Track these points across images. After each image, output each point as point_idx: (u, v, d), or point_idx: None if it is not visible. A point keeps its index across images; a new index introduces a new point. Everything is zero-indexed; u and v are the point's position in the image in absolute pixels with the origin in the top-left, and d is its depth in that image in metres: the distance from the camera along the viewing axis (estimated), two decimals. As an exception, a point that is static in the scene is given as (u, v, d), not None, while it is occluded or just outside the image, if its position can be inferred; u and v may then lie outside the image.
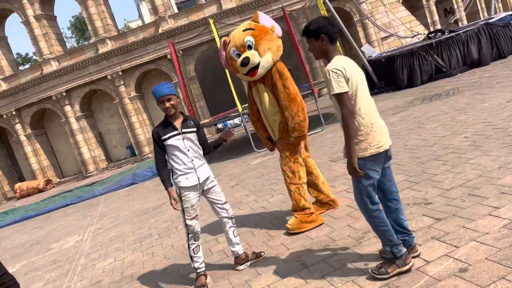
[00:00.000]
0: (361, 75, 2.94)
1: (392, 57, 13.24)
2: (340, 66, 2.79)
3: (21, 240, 9.64)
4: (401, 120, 8.30)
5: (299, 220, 4.32)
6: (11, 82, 22.36)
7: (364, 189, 2.90)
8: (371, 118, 2.87)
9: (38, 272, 6.34)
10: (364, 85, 2.91)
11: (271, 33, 4.35)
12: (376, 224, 2.94)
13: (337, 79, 2.75)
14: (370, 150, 2.83)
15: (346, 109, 2.76)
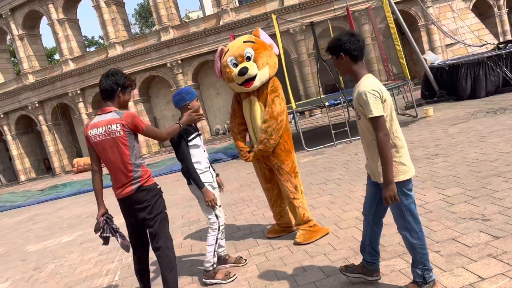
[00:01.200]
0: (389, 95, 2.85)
1: (457, 65, 12.73)
2: (377, 87, 2.70)
3: (77, 212, 10.23)
4: (461, 131, 8.01)
5: (306, 232, 4.41)
6: (79, 63, 23.63)
7: (406, 209, 2.83)
8: (403, 142, 2.82)
9: (92, 243, 6.73)
10: (393, 106, 2.83)
11: (270, 50, 4.43)
12: (416, 245, 2.84)
13: (375, 101, 2.65)
14: (409, 174, 2.79)
15: (383, 132, 2.66)
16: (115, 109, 3.38)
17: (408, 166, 2.79)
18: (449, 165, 5.87)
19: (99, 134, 3.32)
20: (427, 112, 10.95)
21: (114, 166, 3.35)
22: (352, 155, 8.46)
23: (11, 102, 25.77)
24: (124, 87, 3.43)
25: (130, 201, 3.41)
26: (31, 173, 27.13)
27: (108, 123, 3.30)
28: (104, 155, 3.36)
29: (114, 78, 3.37)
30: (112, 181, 3.46)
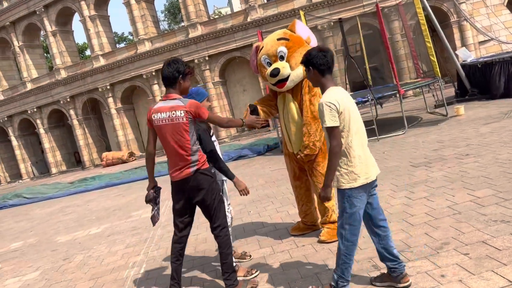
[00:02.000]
0: (354, 106, 3.01)
1: (490, 63, 12.33)
2: (334, 99, 2.87)
3: (106, 205, 10.47)
4: (493, 131, 7.77)
5: (332, 230, 4.33)
6: (109, 59, 24.11)
7: (347, 216, 3.00)
8: (360, 150, 2.98)
9: (119, 235, 6.88)
10: (356, 117, 2.99)
11: (306, 46, 4.22)
12: (343, 252, 3.01)
13: (330, 112, 2.85)
14: (360, 181, 2.93)
15: (336, 142, 2.87)
16: (179, 97, 3.56)
17: (359, 176, 2.93)
18: (480, 166, 5.70)
19: (162, 118, 3.51)
20: (458, 111, 10.66)
21: (174, 149, 3.53)
22: (379, 154, 8.33)
23: (44, 96, 26.55)
24: (184, 74, 3.60)
25: (187, 183, 3.59)
26: (62, 166, 27.91)
27: (173, 109, 3.48)
28: (164, 138, 3.55)
29: (176, 66, 3.55)
30: (170, 164, 3.64)
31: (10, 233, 9.72)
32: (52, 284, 5.15)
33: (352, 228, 3.01)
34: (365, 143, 3.09)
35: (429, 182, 5.52)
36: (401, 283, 3.08)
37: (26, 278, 5.69)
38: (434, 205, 4.63)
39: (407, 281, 3.08)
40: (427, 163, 6.59)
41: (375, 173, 3.05)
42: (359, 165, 2.95)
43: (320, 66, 3.00)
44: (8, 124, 28.67)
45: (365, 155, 3.02)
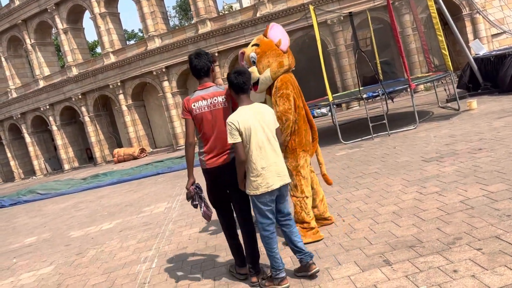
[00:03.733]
0: (257, 124, 3.42)
1: (503, 56, 12.15)
2: (235, 120, 3.37)
3: (117, 201, 10.57)
4: (507, 125, 7.66)
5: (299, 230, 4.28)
6: (119, 56, 24.25)
7: (257, 216, 3.56)
8: (262, 163, 3.42)
9: (131, 231, 6.94)
10: (260, 133, 3.42)
11: (275, 49, 4.38)
12: (265, 247, 3.56)
13: (231, 131, 3.37)
14: (261, 189, 3.42)
15: (237, 155, 3.42)
16: (214, 84, 3.77)
17: (260, 185, 3.41)
18: (493, 160, 5.63)
19: (204, 106, 3.66)
20: (471, 105, 10.53)
21: (217, 135, 3.66)
22: (390, 149, 8.27)
23: (56, 94, 26.82)
24: (212, 62, 3.82)
25: (225, 169, 3.69)
26: (74, 162, 28.21)
27: (213, 95, 3.67)
28: (207, 125, 3.67)
29: (207, 57, 3.76)
30: (208, 150, 3.72)
31: (24, 228, 9.87)
32: (65, 278, 5.22)
33: (264, 225, 3.51)
34: (274, 156, 3.47)
35: (441, 177, 5.47)
36: (310, 271, 3.54)
37: (40, 272, 5.78)
38: (446, 200, 4.59)
39: (313, 269, 3.54)
40: (439, 157, 6.52)
41: (278, 184, 3.46)
42: (260, 176, 3.42)
43: (232, 86, 3.49)
44: (21, 121, 29.05)
45: (272, 166, 3.44)
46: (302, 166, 4.47)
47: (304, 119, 4.51)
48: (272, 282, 3.55)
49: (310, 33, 16.64)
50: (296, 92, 4.47)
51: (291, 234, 3.60)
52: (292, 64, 4.51)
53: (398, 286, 3.08)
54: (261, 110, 3.52)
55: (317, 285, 3.43)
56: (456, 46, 15.94)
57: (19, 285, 5.42)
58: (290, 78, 4.48)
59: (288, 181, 3.56)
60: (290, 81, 4.43)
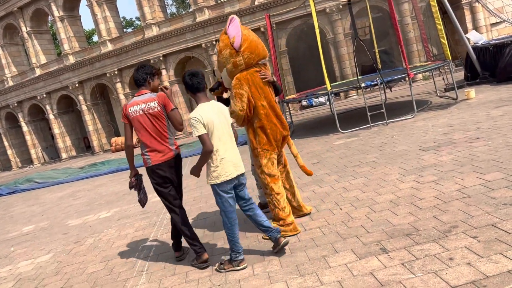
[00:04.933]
0: (219, 118, 3.76)
1: (502, 45, 12.11)
2: (199, 114, 3.67)
3: (115, 189, 10.58)
4: (504, 114, 7.67)
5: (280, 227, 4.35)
6: (116, 44, 24.08)
7: (219, 205, 3.90)
8: (221, 154, 3.73)
9: (129, 219, 6.96)
10: (220, 127, 3.76)
11: (229, 48, 4.32)
12: (227, 233, 3.91)
13: (196, 125, 3.66)
14: (220, 179, 3.75)
15: (206, 146, 3.69)
16: (149, 91, 4.23)
17: (220, 174, 3.73)
18: (490, 149, 5.64)
19: (139, 110, 4.10)
20: (469, 94, 10.52)
21: (152, 136, 4.10)
22: (387, 138, 8.27)
23: (53, 82, 26.67)
24: (152, 74, 4.31)
25: (169, 164, 4.18)
26: (71, 151, 28.16)
27: (147, 101, 4.12)
28: (143, 127, 4.10)
29: (144, 70, 4.27)
30: (150, 150, 4.15)
31: (22, 217, 9.88)
32: (63, 266, 5.24)
33: (227, 213, 3.85)
34: (230, 147, 3.81)
35: (438, 166, 5.48)
36: (279, 243, 3.92)
37: (38, 260, 5.79)
38: (443, 188, 4.61)
39: (281, 241, 3.93)
40: (437, 147, 6.53)
41: (236, 173, 3.80)
42: (220, 166, 3.74)
43: (188, 87, 3.87)
44: (18, 110, 28.92)
45: (229, 157, 3.77)
46: (265, 165, 4.45)
47: (267, 117, 4.42)
48: (231, 264, 3.90)
49: (309, 21, 16.52)
50: (255, 90, 4.35)
51: (256, 216, 3.99)
52: (252, 59, 4.34)
53: (394, 274, 3.10)
54: (219, 106, 3.90)
55: (314, 272, 3.45)
56: (455, 35, 15.89)
57: (17, 273, 5.44)
58: (248, 76, 4.34)
59: (243, 171, 3.90)
60: (246, 80, 4.33)
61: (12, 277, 5.33)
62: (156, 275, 4.24)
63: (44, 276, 5.05)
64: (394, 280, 3.01)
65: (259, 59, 4.44)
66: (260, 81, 4.41)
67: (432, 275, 2.95)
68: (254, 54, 4.36)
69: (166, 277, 4.12)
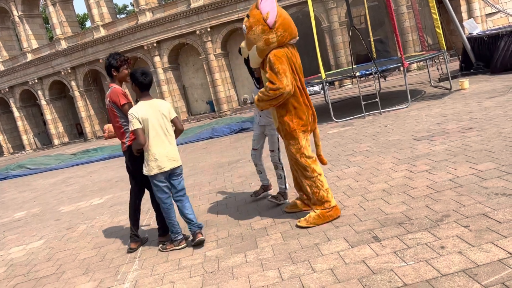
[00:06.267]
0: (153, 116, 4.12)
1: (497, 36, 12.11)
2: (135, 111, 4.08)
3: (108, 176, 10.53)
4: (497, 105, 7.70)
5: (318, 215, 4.15)
6: (109, 29, 23.79)
7: (155, 193, 4.34)
8: (155, 150, 4.15)
9: (122, 206, 6.93)
10: (156, 124, 4.14)
11: (262, 24, 4.04)
12: (165, 216, 4.38)
13: (132, 120, 4.07)
14: (154, 171, 4.17)
15: (138, 139, 4.10)
16: (113, 85, 4.47)
17: (153, 168, 4.16)
18: (483, 139, 5.67)
19: (106, 104, 4.55)
20: (462, 84, 10.54)
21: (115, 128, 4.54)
22: (381, 127, 8.29)
23: (45, 67, 26.35)
24: (117, 66, 4.43)
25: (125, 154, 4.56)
26: (64, 137, 27.97)
27: (107, 96, 4.48)
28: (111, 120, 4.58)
29: (108, 60, 4.45)
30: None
31: (13, 203, 9.82)
32: (56, 252, 5.23)
33: (162, 199, 4.29)
34: (167, 143, 4.19)
35: (431, 156, 5.50)
36: (195, 239, 4.29)
37: (30, 246, 5.77)
38: (435, 178, 4.63)
39: (198, 237, 4.29)
40: (430, 136, 6.55)
41: (170, 166, 4.21)
42: (153, 160, 4.15)
43: (138, 85, 4.18)
44: (9, 95, 28.60)
45: (163, 152, 4.17)
46: (304, 146, 4.23)
47: (302, 97, 4.23)
48: (172, 244, 4.37)
49: (304, 9, 16.38)
50: (294, 67, 4.18)
51: (183, 208, 4.35)
52: (285, 38, 4.10)
53: (386, 262, 3.12)
54: (158, 104, 4.21)
55: (306, 260, 3.46)
56: (450, 25, 15.86)
57: (8, 259, 5.41)
58: (287, 52, 4.13)
59: (177, 164, 4.26)
60: (285, 55, 4.10)
61: (3, 262, 5.31)
62: (148, 261, 4.24)
63: (36, 262, 5.04)
64: (385, 268, 3.03)
65: (291, 37, 4.18)
66: (296, 59, 4.22)
67: (424, 263, 2.97)
68: (287, 32, 4.11)
69: (159, 264, 4.12)
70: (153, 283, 3.71)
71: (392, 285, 2.81)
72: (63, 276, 4.37)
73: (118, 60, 4.42)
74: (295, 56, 4.26)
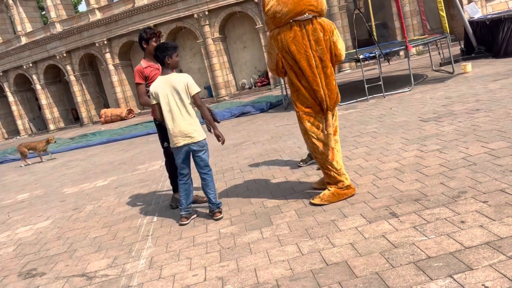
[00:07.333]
0: (165, 91, 4.15)
1: (499, 20, 12.06)
2: (151, 87, 4.26)
3: (109, 159, 10.47)
4: (503, 87, 7.69)
5: (332, 193, 4.10)
6: (105, 12, 23.46)
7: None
8: (168, 125, 4.23)
9: (127, 187, 6.90)
10: (167, 99, 4.17)
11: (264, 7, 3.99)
12: (179, 188, 4.49)
13: (150, 95, 4.28)
14: (172, 144, 4.33)
15: (154, 114, 4.41)
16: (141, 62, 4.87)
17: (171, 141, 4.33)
18: (492, 120, 5.67)
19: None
20: (465, 68, 10.52)
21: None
22: (386, 109, 8.27)
23: (40, 51, 26.01)
24: (146, 39, 4.78)
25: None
26: (59, 122, 27.76)
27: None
28: None
29: (140, 34, 4.85)
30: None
31: (15, 185, 9.75)
32: (65, 231, 5.20)
33: (179, 172, 4.43)
34: (180, 119, 4.18)
35: (440, 136, 5.50)
36: (214, 217, 4.38)
37: (38, 226, 5.74)
38: (447, 157, 4.63)
39: (217, 216, 4.37)
40: (437, 118, 6.55)
41: (182, 142, 4.23)
42: (170, 135, 4.26)
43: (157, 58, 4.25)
44: (3, 80, 28.27)
45: (176, 128, 4.19)
46: (309, 128, 4.13)
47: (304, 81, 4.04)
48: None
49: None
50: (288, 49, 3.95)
51: (206, 186, 4.41)
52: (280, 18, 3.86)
53: (406, 236, 3.12)
54: (173, 79, 4.16)
55: (324, 235, 3.46)
56: (450, 9, 15.78)
57: (16, 238, 5.39)
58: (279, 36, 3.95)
59: (193, 141, 4.22)
60: (276, 40, 3.97)
61: (12, 242, 5.28)
62: (162, 239, 4.23)
63: (45, 241, 5.01)
64: (407, 242, 3.03)
65: (290, 16, 3.84)
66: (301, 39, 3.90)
67: (445, 237, 2.97)
68: (281, 13, 3.83)
69: (173, 241, 4.11)
70: (169, 259, 3.69)
71: (415, 257, 2.81)
72: (76, 253, 4.35)
73: (147, 33, 4.73)
74: (300, 36, 3.91)
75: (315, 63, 4.00)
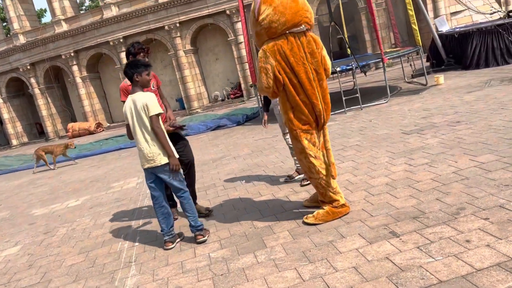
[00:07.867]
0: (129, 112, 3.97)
1: (467, 33, 12.41)
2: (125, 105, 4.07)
3: (80, 177, 9.99)
4: (478, 99, 7.82)
5: (327, 211, 3.96)
6: (72, 24, 22.79)
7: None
8: (140, 145, 4.01)
9: (103, 207, 6.53)
10: (132, 121, 3.98)
11: (253, 16, 3.81)
12: (156, 213, 4.21)
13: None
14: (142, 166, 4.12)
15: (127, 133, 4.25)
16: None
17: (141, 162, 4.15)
18: (475, 132, 5.69)
19: None
20: (438, 80, 10.71)
21: None
22: (366, 122, 8.25)
23: (1, 63, 24.94)
24: (134, 53, 4.74)
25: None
26: (23, 137, 26.62)
27: None
28: None
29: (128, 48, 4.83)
30: None
31: (-23, 207, 9.13)
32: (37, 259, 4.81)
33: (152, 196, 4.20)
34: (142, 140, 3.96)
35: (426, 149, 5.46)
36: (197, 240, 4.17)
37: (6, 253, 5.30)
38: (438, 171, 4.57)
39: (199, 239, 4.15)
40: (419, 130, 6.55)
41: (146, 165, 4.03)
42: (139, 155, 4.10)
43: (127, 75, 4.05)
44: (-38, 93, 26.90)
45: (140, 150, 4.01)
46: (307, 147, 3.94)
47: (302, 96, 3.85)
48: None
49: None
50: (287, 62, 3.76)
51: (183, 209, 4.20)
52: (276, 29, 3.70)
53: (412, 258, 2.98)
54: (136, 99, 3.93)
55: (324, 259, 3.28)
56: (421, 22, 16.15)
57: (-18, 268, 4.94)
58: (276, 47, 3.74)
59: (156, 164, 3.97)
60: (273, 51, 3.75)
61: (-23, 272, 4.84)
62: (147, 266, 3.94)
63: (15, 270, 4.61)
64: (414, 265, 2.90)
65: (287, 27, 3.71)
66: (298, 51, 3.77)
67: (453, 258, 2.85)
68: (278, 23, 3.68)
69: (159, 268, 3.83)
70: (158, 289, 3.42)
71: (426, 282, 2.67)
72: (50, 285, 4.00)
73: (135, 48, 4.67)
74: (296, 47, 3.79)
75: (312, 76, 3.87)
